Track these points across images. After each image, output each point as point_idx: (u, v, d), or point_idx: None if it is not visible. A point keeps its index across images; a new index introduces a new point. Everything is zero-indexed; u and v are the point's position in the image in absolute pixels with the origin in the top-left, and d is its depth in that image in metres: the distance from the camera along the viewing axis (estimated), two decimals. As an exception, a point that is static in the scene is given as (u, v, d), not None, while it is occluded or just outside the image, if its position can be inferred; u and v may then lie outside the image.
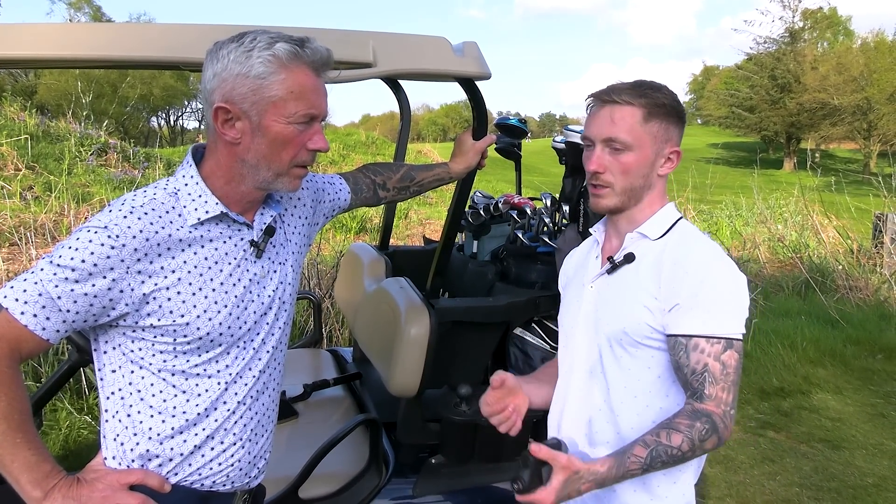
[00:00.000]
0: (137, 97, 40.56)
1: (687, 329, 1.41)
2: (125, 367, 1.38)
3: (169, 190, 1.37)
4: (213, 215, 1.37)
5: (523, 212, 3.19)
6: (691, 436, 1.37)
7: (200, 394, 1.42)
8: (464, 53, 1.98)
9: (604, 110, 1.51)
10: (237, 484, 1.53)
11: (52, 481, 1.28)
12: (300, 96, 1.32)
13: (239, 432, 1.49)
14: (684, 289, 1.41)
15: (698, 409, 1.39)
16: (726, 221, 11.88)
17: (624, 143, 1.48)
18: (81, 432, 3.82)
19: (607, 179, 1.52)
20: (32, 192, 9.35)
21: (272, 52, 1.29)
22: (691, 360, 1.40)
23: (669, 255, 1.47)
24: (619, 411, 1.53)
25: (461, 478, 2.45)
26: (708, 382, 1.39)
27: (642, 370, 1.50)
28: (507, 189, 4.53)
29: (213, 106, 1.32)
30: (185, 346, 1.37)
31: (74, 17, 45.12)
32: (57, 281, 1.24)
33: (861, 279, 7.91)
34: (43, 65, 1.77)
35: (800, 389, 5.16)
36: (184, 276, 1.34)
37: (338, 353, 3.52)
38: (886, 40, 41.58)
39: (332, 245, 7.23)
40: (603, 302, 1.56)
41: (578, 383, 1.60)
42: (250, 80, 1.29)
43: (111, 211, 1.30)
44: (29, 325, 1.24)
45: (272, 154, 1.35)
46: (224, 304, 1.39)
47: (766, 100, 44.25)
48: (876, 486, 3.79)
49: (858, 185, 13.14)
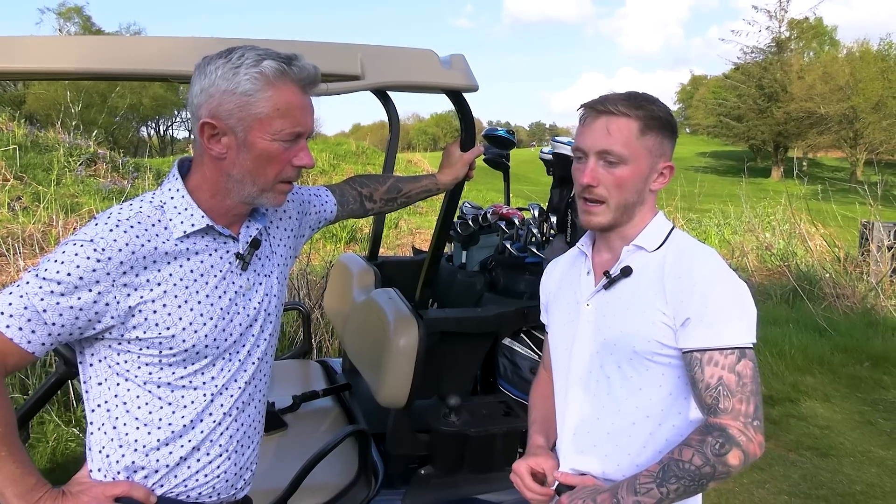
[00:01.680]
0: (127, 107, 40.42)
1: (700, 343, 1.37)
2: (111, 379, 1.38)
3: (155, 203, 1.38)
4: (199, 228, 1.38)
5: (512, 222, 3.21)
6: (703, 451, 1.33)
7: (186, 405, 1.41)
8: (451, 66, 2.00)
9: (599, 121, 1.45)
10: (223, 496, 1.53)
11: (38, 494, 1.28)
12: (286, 114, 1.33)
13: (225, 444, 1.49)
14: (693, 303, 1.38)
15: (711, 423, 1.36)
16: (715, 230, 11.96)
17: (620, 156, 1.43)
18: (69, 445, 3.79)
19: (600, 193, 1.46)
20: (21, 203, 9.30)
21: (259, 69, 1.30)
22: (706, 374, 1.37)
23: (672, 269, 1.43)
24: (631, 432, 1.48)
25: (451, 488, 2.46)
26: (723, 396, 1.35)
27: (654, 388, 1.45)
28: (496, 199, 4.55)
29: (200, 121, 1.33)
30: (171, 359, 1.37)
31: (64, 27, 45.03)
32: (42, 294, 1.24)
33: (848, 287, 7.96)
34: (33, 77, 1.78)
35: (788, 397, 5.18)
36: (169, 288, 1.34)
37: (327, 364, 3.51)
38: (871, 50, 42.00)
39: (321, 255, 7.23)
40: (604, 320, 1.49)
41: (582, 406, 1.54)
42: (237, 97, 1.30)
43: (97, 224, 1.31)
44: (14, 339, 1.24)
45: (257, 170, 1.36)
46: (210, 317, 1.39)
47: (754, 109, 44.57)
48: (864, 493, 3.80)
49: (845, 194, 13.23)
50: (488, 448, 2.45)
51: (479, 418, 2.50)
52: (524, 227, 3.17)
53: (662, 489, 1.36)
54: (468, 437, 2.43)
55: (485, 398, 2.71)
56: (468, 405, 2.55)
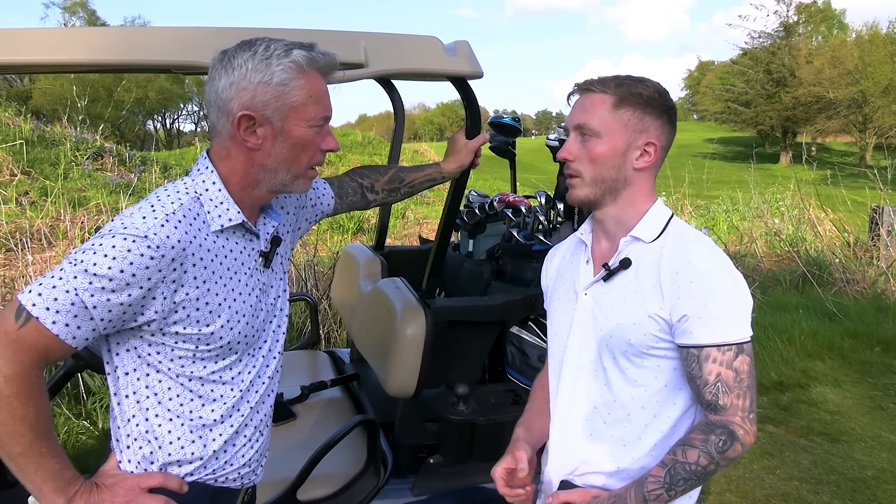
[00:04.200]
0: (133, 101, 40.48)
1: (697, 340, 1.38)
2: (140, 370, 1.38)
3: (192, 195, 1.37)
4: (236, 223, 1.40)
5: (518, 210, 3.19)
6: (707, 450, 1.36)
7: (216, 399, 1.44)
8: (455, 53, 1.99)
9: (578, 99, 1.50)
10: (245, 481, 1.57)
11: (74, 488, 1.30)
12: (318, 100, 1.38)
13: (250, 434, 1.53)
14: (691, 299, 1.37)
15: (713, 421, 1.39)
16: (723, 216, 11.89)
17: (592, 129, 1.45)
18: (80, 437, 3.82)
19: (577, 168, 1.48)
20: (28, 198, 9.33)
21: (291, 59, 1.34)
22: (703, 371, 1.38)
23: (669, 264, 1.41)
24: (627, 423, 1.48)
25: (460, 477, 2.46)
26: (722, 393, 1.37)
27: (649, 379, 1.45)
28: (503, 187, 4.53)
29: (236, 115, 1.34)
30: (206, 353, 1.39)
31: (69, 21, 45.06)
32: (93, 290, 1.21)
33: (858, 272, 7.91)
34: (39, 70, 1.77)
35: (798, 383, 5.16)
36: (212, 286, 1.36)
37: (335, 354, 3.52)
38: (880, 33, 41.67)
39: (328, 246, 7.22)
40: (602, 311, 1.49)
41: (570, 393, 1.55)
42: (272, 88, 1.33)
43: (145, 218, 1.28)
44: (60, 335, 1.22)
45: (293, 157, 1.40)
46: (243, 314, 1.43)
47: (762, 94, 44.30)
48: (875, 478, 3.79)
49: (854, 178, 13.15)
50: (497, 436, 2.45)
51: (488, 407, 2.50)
52: (531, 214, 3.16)
53: (671, 492, 1.39)
54: (476, 425, 2.43)
55: (493, 387, 2.71)
56: (476, 394, 2.55)
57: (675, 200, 11.20)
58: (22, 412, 1.21)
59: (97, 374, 3.80)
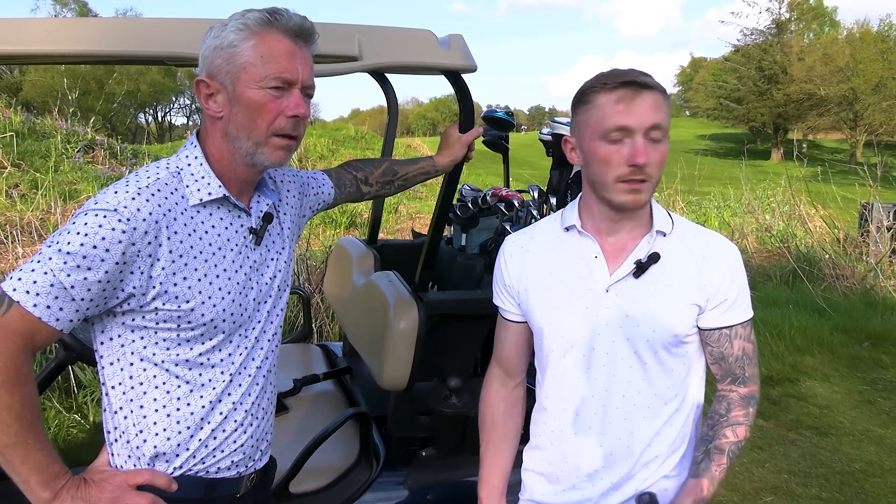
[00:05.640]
0: (124, 93, 40.30)
1: (732, 320, 1.47)
2: (124, 359, 1.36)
3: (171, 170, 1.37)
4: (216, 198, 1.38)
5: (511, 204, 3.20)
6: (750, 422, 1.50)
7: (203, 384, 1.41)
8: (449, 46, 1.98)
9: (644, 96, 1.34)
10: (241, 469, 1.53)
11: (61, 482, 1.28)
12: (269, 60, 1.32)
13: (240, 419, 1.49)
14: (728, 285, 1.45)
15: (744, 394, 1.51)
16: (715, 212, 11.95)
17: (665, 130, 1.37)
18: (71, 431, 3.81)
19: (649, 172, 1.36)
20: (18, 190, 9.28)
21: (243, 20, 1.32)
22: (734, 347, 1.48)
23: (696, 252, 1.46)
24: (662, 413, 1.49)
25: (452, 470, 2.46)
26: (747, 365, 1.50)
27: (682, 368, 1.49)
28: (496, 182, 4.54)
29: (195, 81, 1.36)
30: (189, 333, 1.36)
31: (61, 12, 44.74)
32: (68, 270, 1.20)
33: (847, 268, 7.96)
34: (29, 61, 1.76)
35: (788, 377, 5.20)
36: (189, 261, 1.33)
37: (328, 347, 3.52)
38: (871, 31, 41.80)
39: (321, 240, 7.22)
40: (635, 306, 1.44)
41: (604, 393, 1.49)
42: (223, 51, 1.32)
43: (116, 192, 1.27)
44: (43, 317, 1.21)
45: (250, 122, 1.35)
46: (228, 291, 1.39)
47: (754, 91, 44.37)
48: (863, 471, 3.83)
49: (845, 175, 13.21)
50: (489, 429, 2.45)
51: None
52: (524, 208, 3.16)
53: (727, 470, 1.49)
54: (469, 418, 2.43)
55: (485, 380, 2.71)
56: (469, 387, 2.55)
57: (666, 196, 11.24)
58: (7, 401, 1.20)
59: (88, 366, 3.79)
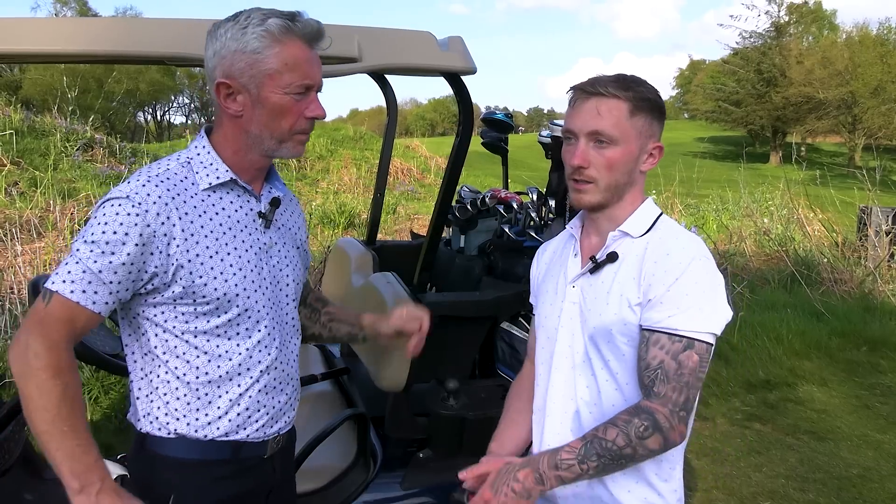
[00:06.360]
0: (123, 92, 40.20)
1: (652, 323, 1.39)
2: (148, 331, 1.46)
3: (182, 161, 1.47)
4: (224, 181, 1.46)
5: (510, 206, 3.20)
6: (627, 431, 1.35)
7: (221, 355, 1.49)
8: (449, 48, 1.99)
9: (589, 102, 1.44)
10: (267, 431, 1.59)
11: (94, 475, 1.31)
12: (294, 68, 1.40)
13: (263, 386, 1.55)
14: (659, 285, 1.39)
15: (642, 406, 1.38)
16: (713, 215, 11.94)
17: (610, 136, 1.42)
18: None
19: (591, 175, 1.45)
20: (18, 188, 9.26)
21: (265, 27, 1.38)
22: (649, 354, 1.39)
23: (651, 254, 1.43)
24: (609, 412, 1.47)
25: (449, 471, 2.46)
26: (659, 380, 1.37)
27: (632, 370, 1.46)
28: (495, 184, 4.54)
29: (215, 82, 1.41)
30: (205, 308, 1.44)
31: (61, 11, 44.71)
32: (95, 257, 1.32)
33: (846, 272, 7.96)
34: (29, 60, 1.76)
35: (786, 382, 5.19)
36: (201, 239, 1.42)
37: (326, 348, 3.52)
38: (871, 34, 41.84)
39: (319, 241, 7.22)
40: (587, 302, 1.51)
41: (562, 384, 1.56)
42: (247, 56, 1.38)
43: (129, 183, 1.39)
44: (80, 301, 1.32)
45: (273, 123, 1.44)
46: (239, 267, 1.48)
47: (752, 94, 44.36)
48: (860, 476, 3.82)
49: (843, 179, 13.22)
50: (486, 431, 2.43)
51: (478, 402, 2.51)
52: (522, 210, 3.17)
53: (583, 466, 1.38)
54: (466, 420, 2.43)
55: (483, 382, 2.71)
56: (466, 389, 2.55)
57: (665, 199, 11.24)
58: (48, 386, 1.28)
59: (86, 364, 3.78)
